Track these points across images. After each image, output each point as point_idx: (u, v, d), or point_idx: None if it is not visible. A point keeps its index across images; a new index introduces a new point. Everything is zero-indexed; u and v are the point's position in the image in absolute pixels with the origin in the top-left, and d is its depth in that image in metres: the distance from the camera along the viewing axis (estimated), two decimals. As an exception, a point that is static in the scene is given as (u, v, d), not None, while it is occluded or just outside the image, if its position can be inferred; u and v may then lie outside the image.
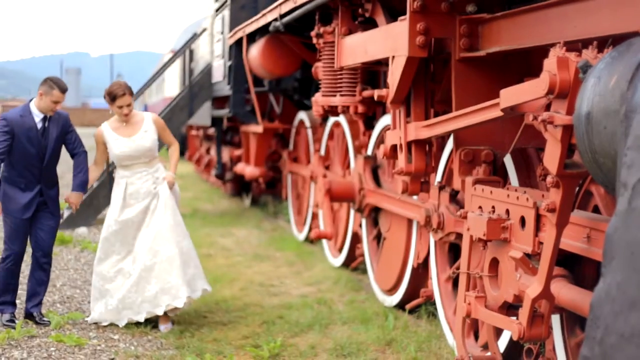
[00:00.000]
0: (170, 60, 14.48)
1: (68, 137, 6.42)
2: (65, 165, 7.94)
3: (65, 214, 10.75)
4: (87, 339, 6.03)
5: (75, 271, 8.46)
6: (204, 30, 14.65)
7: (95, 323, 6.38)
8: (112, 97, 6.27)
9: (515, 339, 3.87)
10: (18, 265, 6.35)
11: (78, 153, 6.47)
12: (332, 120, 9.12)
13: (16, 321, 6.26)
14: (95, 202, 11.70)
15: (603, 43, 3.39)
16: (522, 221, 3.92)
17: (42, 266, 6.37)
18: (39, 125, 6.21)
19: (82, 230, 11.00)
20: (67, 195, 6.46)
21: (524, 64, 4.73)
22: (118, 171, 6.47)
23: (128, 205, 6.37)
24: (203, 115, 14.45)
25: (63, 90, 6.21)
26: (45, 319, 6.37)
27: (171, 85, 22.36)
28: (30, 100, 6.34)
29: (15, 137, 6.12)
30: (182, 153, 22.60)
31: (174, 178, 6.53)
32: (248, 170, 12.43)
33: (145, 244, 6.30)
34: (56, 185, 6.47)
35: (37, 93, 6.28)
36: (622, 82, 2.62)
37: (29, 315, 6.41)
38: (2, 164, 6.26)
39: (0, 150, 6.06)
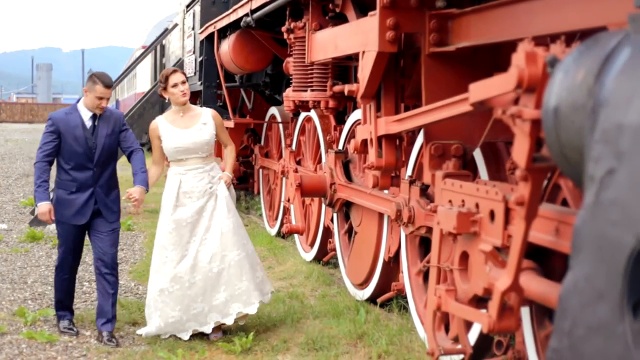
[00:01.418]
0: (142, 56, 14.42)
1: (121, 135, 6.08)
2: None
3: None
4: (58, 335, 6.00)
5: (46, 268, 8.42)
6: (175, 25, 14.60)
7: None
8: (164, 78, 6.00)
9: (485, 331, 3.88)
10: (72, 275, 6.13)
11: (134, 150, 6.12)
12: (303, 115, 9.13)
13: (74, 329, 6.09)
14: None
15: (571, 38, 3.41)
16: (492, 215, 3.94)
17: (105, 277, 5.97)
18: (88, 124, 5.93)
19: (53, 226, 10.89)
20: (130, 191, 5.89)
21: (493, 58, 4.75)
22: (171, 167, 6.08)
23: (181, 205, 5.95)
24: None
25: (107, 85, 5.90)
26: (114, 339, 5.91)
27: (143, 81, 22.24)
28: (79, 100, 6.12)
29: (61, 137, 5.87)
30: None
31: (231, 179, 6.23)
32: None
33: (208, 250, 5.91)
34: (114, 190, 6.13)
35: (83, 90, 6.08)
36: (590, 77, 2.63)
37: (99, 334, 6.00)
38: (56, 168, 5.99)
39: (47, 151, 5.86)
